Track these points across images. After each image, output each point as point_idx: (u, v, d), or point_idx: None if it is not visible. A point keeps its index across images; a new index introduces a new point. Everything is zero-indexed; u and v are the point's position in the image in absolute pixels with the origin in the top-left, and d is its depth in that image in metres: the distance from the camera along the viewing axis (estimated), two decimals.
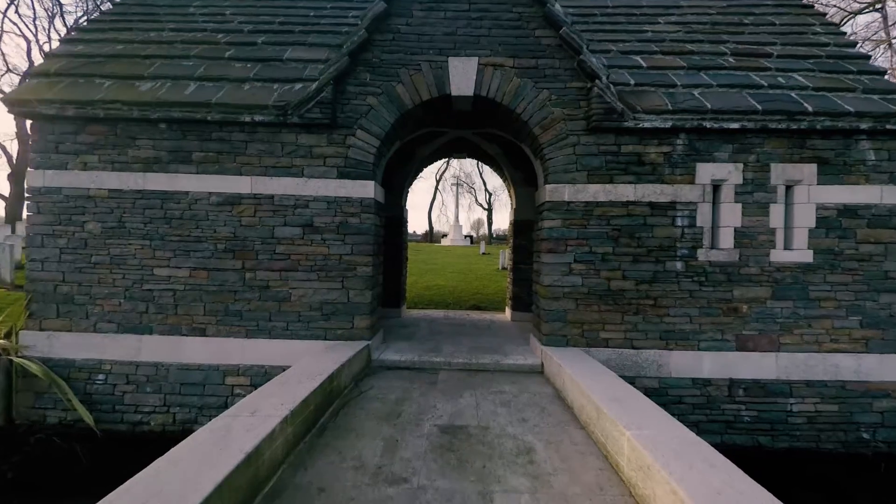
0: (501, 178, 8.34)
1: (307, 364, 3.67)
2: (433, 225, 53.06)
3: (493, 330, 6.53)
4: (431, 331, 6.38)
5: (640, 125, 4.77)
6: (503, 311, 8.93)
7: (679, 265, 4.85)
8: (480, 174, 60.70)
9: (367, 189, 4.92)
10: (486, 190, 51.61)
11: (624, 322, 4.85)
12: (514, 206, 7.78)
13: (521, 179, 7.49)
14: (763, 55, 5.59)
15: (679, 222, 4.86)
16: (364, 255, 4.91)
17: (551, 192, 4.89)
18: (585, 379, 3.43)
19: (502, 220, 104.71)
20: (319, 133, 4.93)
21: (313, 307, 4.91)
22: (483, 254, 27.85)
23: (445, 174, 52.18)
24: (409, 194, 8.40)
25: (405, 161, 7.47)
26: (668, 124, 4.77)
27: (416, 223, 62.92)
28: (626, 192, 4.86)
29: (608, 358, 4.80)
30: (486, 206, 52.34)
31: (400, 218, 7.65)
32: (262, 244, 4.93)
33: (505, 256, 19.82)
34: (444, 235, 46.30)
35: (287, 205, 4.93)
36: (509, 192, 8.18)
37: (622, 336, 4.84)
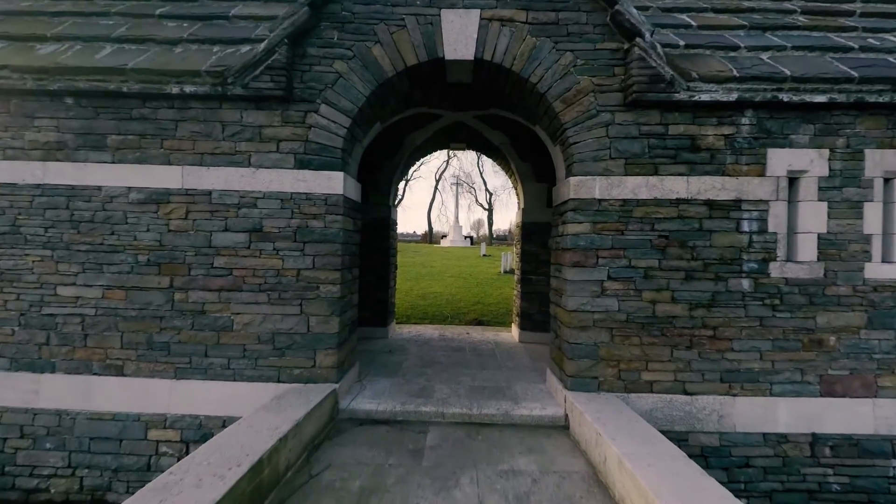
0: (506, 172, 7.15)
1: (228, 438, 2.48)
2: (432, 225, 52.05)
3: (498, 357, 5.34)
4: (423, 359, 5.19)
5: (696, 98, 3.59)
6: (508, 326, 7.75)
7: (746, 283, 3.66)
8: (481, 173, 59.69)
9: (333, 182, 3.74)
10: (486, 189, 50.52)
11: (673, 359, 3.66)
12: (521, 206, 6.60)
13: (531, 173, 6.29)
14: (842, 13, 4.40)
15: (745, 227, 3.68)
16: (329, 270, 3.72)
17: (577, 186, 3.70)
18: (646, 469, 2.24)
19: (503, 220, 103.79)
20: (271, 109, 3.75)
21: (262, 339, 3.72)
22: (484, 255, 26.71)
23: (445, 173, 51.18)
24: (400, 193, 7.23)
25: (392, 151, 6.28)
26: (733, 96, 3.59)
27: (415, 223, 62.07)
28: (675, 186, 3.68)
29: (653, 407, 3.62)
30: (486, 206, 51.25)
31: (386, 220, 6.46)
32: (197, 256, 3.75)
33: (507, 259, 18.61)
34: (444, 236, 45.24)
35: (229, 204, 3.75)
36: (516, 189, 7.00)
37: (671, 378, 3.66)
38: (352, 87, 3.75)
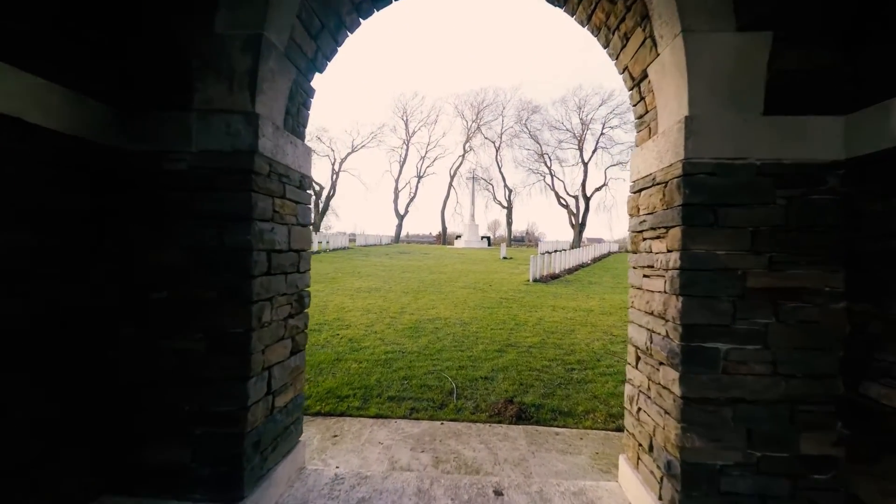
0: (604, 25, 2.64)
1: None
2: (447, 225, 48.19)
3: None
4: None
5: None
6: (582, 423, 3.37)
7: None
8: (499, 168, 55.77)
9: None
10: (505, 186, 46.37)
11: None
12: (680, 118, 2.18)
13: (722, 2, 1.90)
14: None
15: None
16: None
17: None
18: None
19: (520, 219, 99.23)
20: None
21: None
22: (504, 258, 22.29)
23: (461, 169, 47.27)
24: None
25: None
26: None
27: (429, 223, 58.91)
28: None
29: None
30: (505, 204, 47.04)
31: (246, 160, 2.01)
32: None
33: (537, 264, 14.08)
34: (458, 237, 41.30)
35: None
36: (639, 72, 2.55)
37: None
38: None
